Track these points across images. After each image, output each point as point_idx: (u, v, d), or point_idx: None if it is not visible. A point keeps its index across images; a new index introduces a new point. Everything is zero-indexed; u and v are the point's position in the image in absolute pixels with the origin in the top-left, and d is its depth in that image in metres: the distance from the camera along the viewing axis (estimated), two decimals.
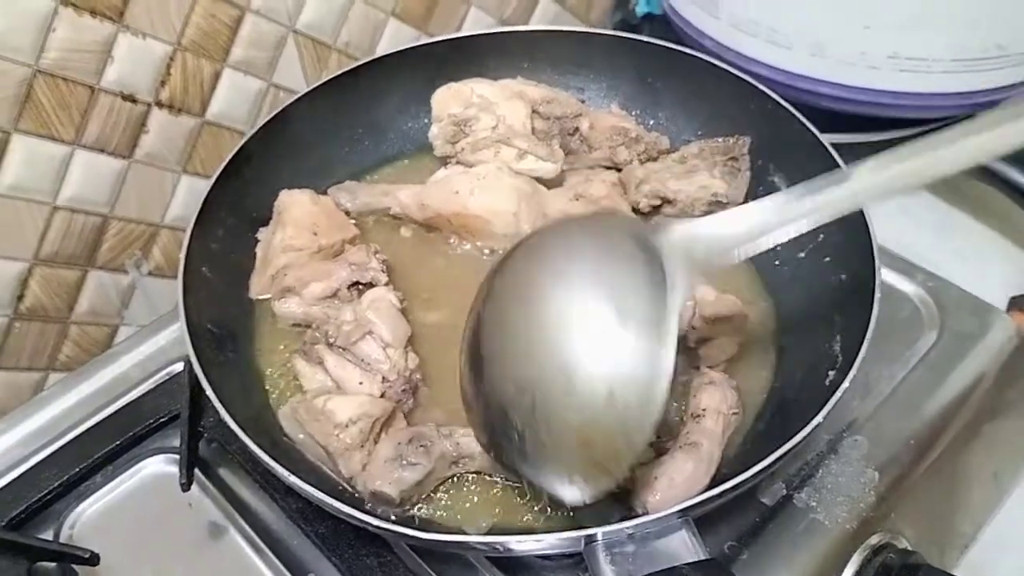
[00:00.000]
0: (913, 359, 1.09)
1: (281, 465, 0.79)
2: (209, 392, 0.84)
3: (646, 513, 0.80)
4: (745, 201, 1.11)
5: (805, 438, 0.78)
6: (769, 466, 0.76)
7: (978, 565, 1.05)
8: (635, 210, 1.11)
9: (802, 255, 1.05)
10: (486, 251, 1.11)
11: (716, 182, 1.10)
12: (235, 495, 1.00)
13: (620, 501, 0.84)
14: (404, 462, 0.85)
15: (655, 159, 1.16)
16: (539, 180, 1.13)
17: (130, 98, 1.13)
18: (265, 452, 0.80)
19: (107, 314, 1.26)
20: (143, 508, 0.99)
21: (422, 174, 1.15)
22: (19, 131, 1.04)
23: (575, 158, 1.17)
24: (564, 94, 1.21)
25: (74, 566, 0.91)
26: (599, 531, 0.74)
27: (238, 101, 1.24)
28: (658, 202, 1.11)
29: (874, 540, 0.93)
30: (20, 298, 1.14)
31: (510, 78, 1.20)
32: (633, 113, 1.25)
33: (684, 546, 0.74)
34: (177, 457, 0.99)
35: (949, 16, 1.16)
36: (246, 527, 0.97)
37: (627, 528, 0.74)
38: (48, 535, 0.96)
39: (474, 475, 0.91)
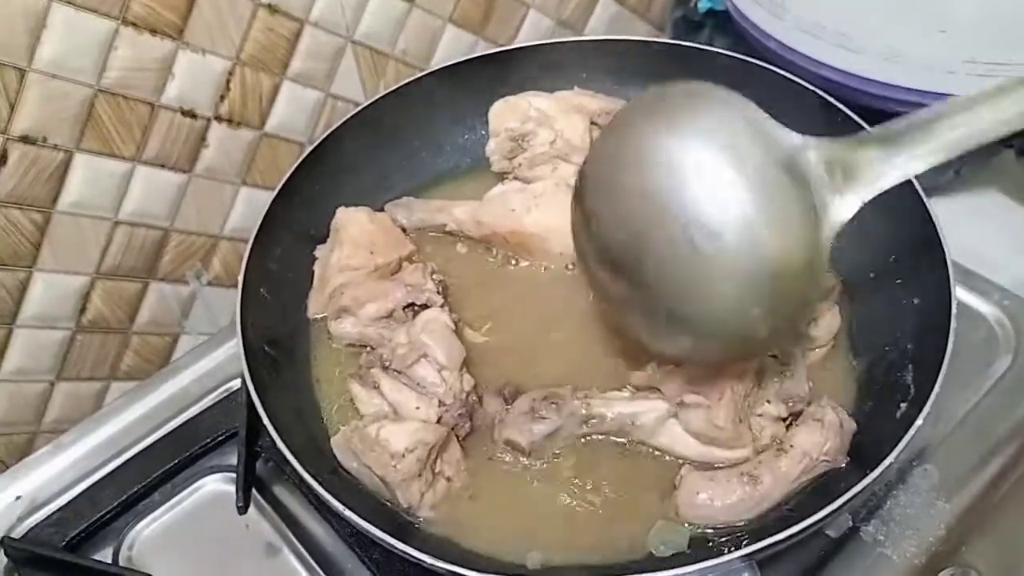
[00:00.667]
0: (987, 383, 1.04)
1: (336, 496, 0.79)
2: (265, 420, 0.84)
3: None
4: None
5: (878, 477, 0.75)
6: (840, 507, 0.74)
7: None
8: None
9: (873, 276, 1.01)
10: (543, 268, 1.09)
11: None
12: (291, 516, 1.00)
13: None
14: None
15: None
16: None
17: (190, 113, 1.13)
18: (321, 481, 0.80)
19: (167, 324, 1.28)
20: (200, 527, 1.00)
21: (479, 189, 1.13)
22: (81, 150, 1.05)
23: None
24: (622, 103, 1.18)
25: None
26: None
27: (296, 113, 1.24)
28: None
29: (945, 575, 0.90)
30: (82, 311, 1.16)
31: (567, 89, 1.18)
32: None
33: None
34: (234, 475, 0.99)
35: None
36: (301, 549, 0.97)
37: (689, 572, 0.72)
38: (107, 554, 0.97)
39: (540, 483, 0.90)
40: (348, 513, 0.78)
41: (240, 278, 0.96)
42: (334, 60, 1.24)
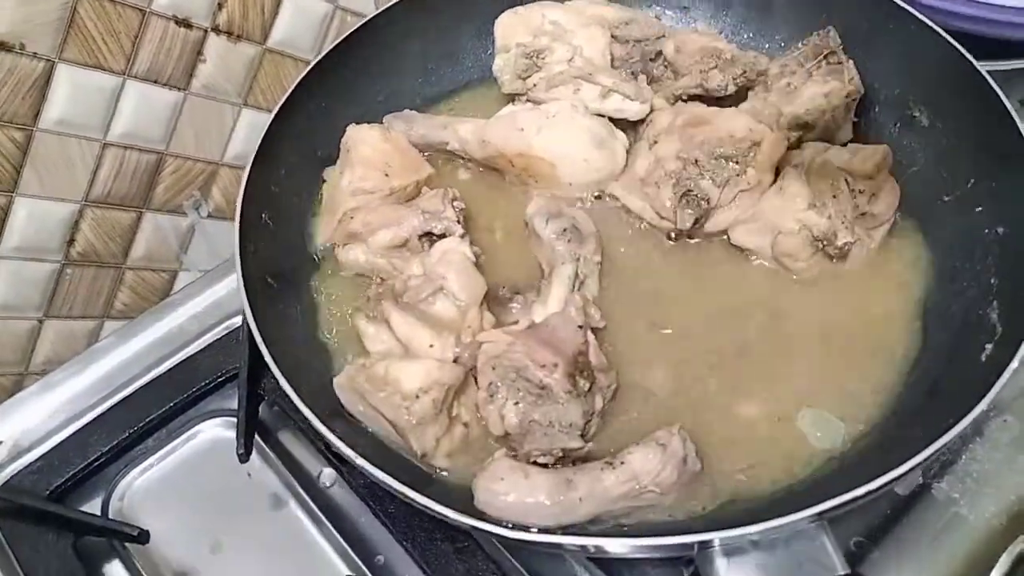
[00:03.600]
0: None
1: (346, 442, 0.71)
2: (268, 358, 0.76)
3: None
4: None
5: (964, 430, 0.66)
6: (918, 464, 0.65)
7: None
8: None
9: (947, 198, 0.91)
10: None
11: (832, 83, 0.96)
12: (297, 464, 0.93)
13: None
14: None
15: (754, 84, 1.02)
16: (620, 122, 1.00)
17: (184, 23, 1.04)
18: (331, 427, 0.72)
19: (165, 259, 1.20)
20: (198, 477, 0.93)
21: (493, 111, 1.02)
22: (64, 60, 0.96)
23: (658, 86, 1.04)
24: (642, 14, 1.08)
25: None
26: (716, 536, 0.64)
27: (302, 26, 1.15)
28: (795, 136, 0.97)
29: None
30: (71, 243, 1.08)
31: None
32: (745, 35, 1.11)
33: (819, 556, 0.65)
34: (235, 420, 0.91)
35: None
36: (309, 501, 0.89)
37: (751, 534, 0.63)
38: (96, 505, 0.90)
39: None
40: (363, 463, 0.69)
41: (238, 201, 0.87)
42: None
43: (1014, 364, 0.70)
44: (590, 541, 0.70)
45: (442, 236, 0.90)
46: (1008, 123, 0.85)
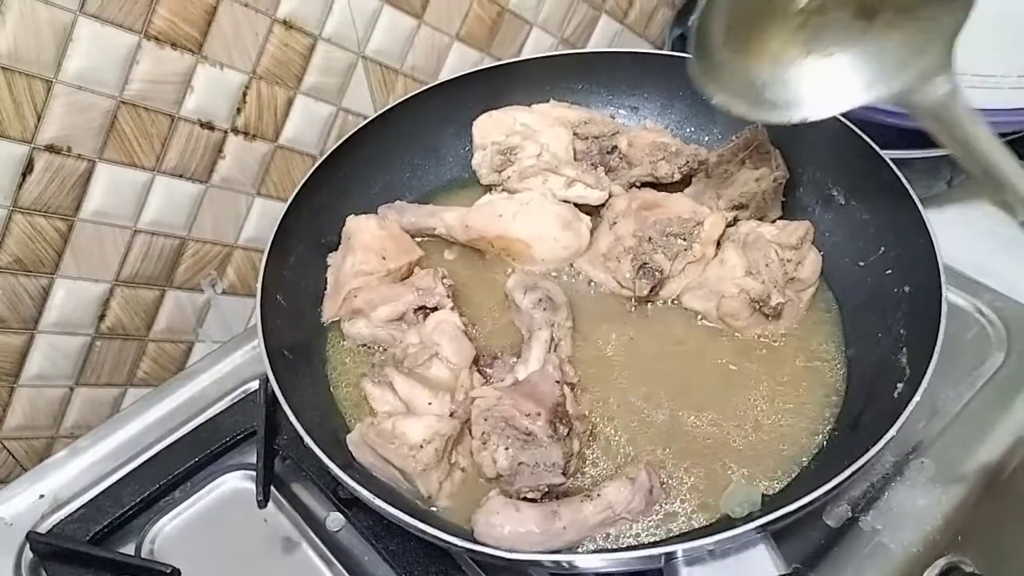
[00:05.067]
0: (980, 380, 1.08)
1: (363, 486, 0.82)
2: (292, 419, 0.87)
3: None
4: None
5: (879, 452, 0.79)
6: (844, 481, 0.78)
7: None
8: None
9: (862, 264, 1.06)
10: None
11: (762, 169, 1.11)
12: (308, 510, 1.03)
13: None
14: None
15: (696, 172, 1.18)
16: (584, 207, 1.15)
17: (208, 126, 1.17)
18: (350, 473, 0.84)
19: (183, 332, 1.31)
20: (220, 523, 1.03)
21: (472, 200, 1.18)
22: (104, 160, 1.09)
23: (614, 175, 1.19)
24: (599, 114, 1.24)
25: None
26: (679, 548, 0.76)
27: (309, 126, 1.28)
28: (732, 215, 1.12)
29: (941, 563, 0.93)
30: (102, 318, 1.19)
31: (543, 101, 1.23)
32: (688, 130, 1.27)
33: (764, 560, 0.77)
34: (253, 473, 1.03)
35: (1016, 33, 1.15)
36: (319, 542, 1.00)
37: (708, 544, 0.76)
38: (130, 549, 1.00)
39: None
40: (378, 501, 0.81)
41: (258, 286, 0.99)
42: (346, 75, 1.28)
43: (917, 398, 0.83)
44: (571, 558, 0.83)
45: (434, 309, 1.03)
46: (906, 197, 1.01)
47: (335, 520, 1.02)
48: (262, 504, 0.99)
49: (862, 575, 0.92)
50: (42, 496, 1.05)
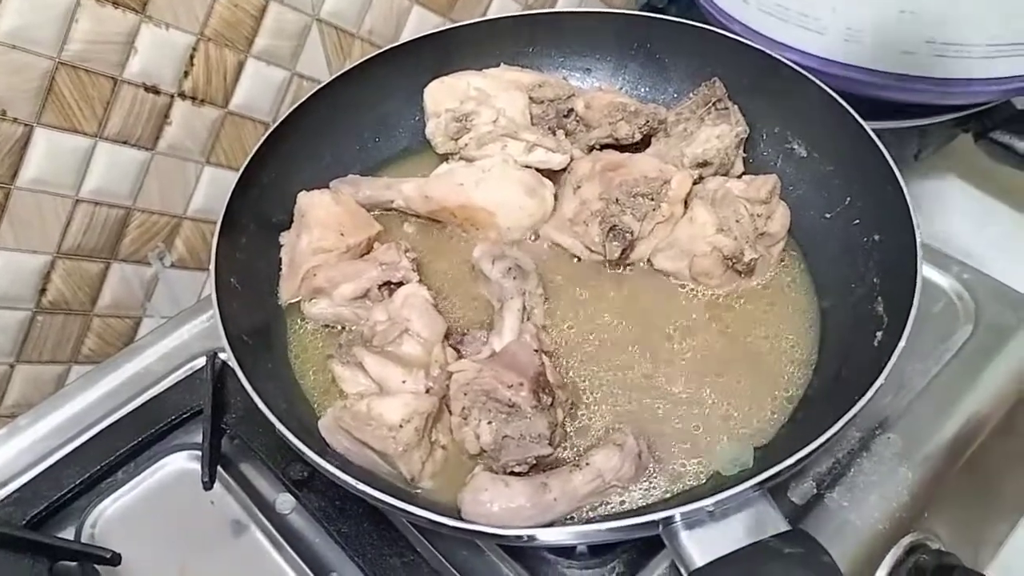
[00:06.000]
0: (947, 354, 1.06)
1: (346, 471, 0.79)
2: (265, 410, 0.81)
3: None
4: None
5: (871, 400, 0.77)
6: (839, 430, 0.76)
7: (1010, 565, 1.03)
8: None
9: (829, 216, 1.05)
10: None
11: (721, 126, 1.09)
12: (257, 492, 0.99)
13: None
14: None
15: (656, 131, 1.15)
16: (546, 172, 1.12)
17: (153, 89, 1.12)
18: (334, 465, 0.79)
19: (130, 306, 1.26)
20: (165, 505, 0.99)
21: (428, 170, 1.14)
22: (42, 124, 1.04)
23: (573, 139, 1.16)
24: (552, 77, 1.20)
25: (96, 566, 0.91)
26: (677, 511, 0.73)
27: (261, 92, 1.23)
28: (697, 173, 1.09)
29: (907, 540, 0.92)
30: (42, 292, 1.14)
31: (494, 66, 1.19)
32: (642, 90, 1.24)
33: (765, 518, 0.75)
34: (199, 454, 0.98)
35: (987, 2, 1.13)
36: (268, 525, 0.96)
37: (707, 505, 0.73)
38: (69, 533, 0.96)
39: None
40: (362, 486, 0.77)
41: (212, 269, 0.94)
42: (300, 38, 1.23)
43: (902, 343, 0.82)
44: (566, 530, 0.80)
45: (399, 284, 0.99)
46: (871, 146, 0.99)
47: (285, 502, 0.98)
48: (207, 486, 0.95)
49: (830, 552, 0.89)
50: None
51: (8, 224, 1.07)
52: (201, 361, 1.08)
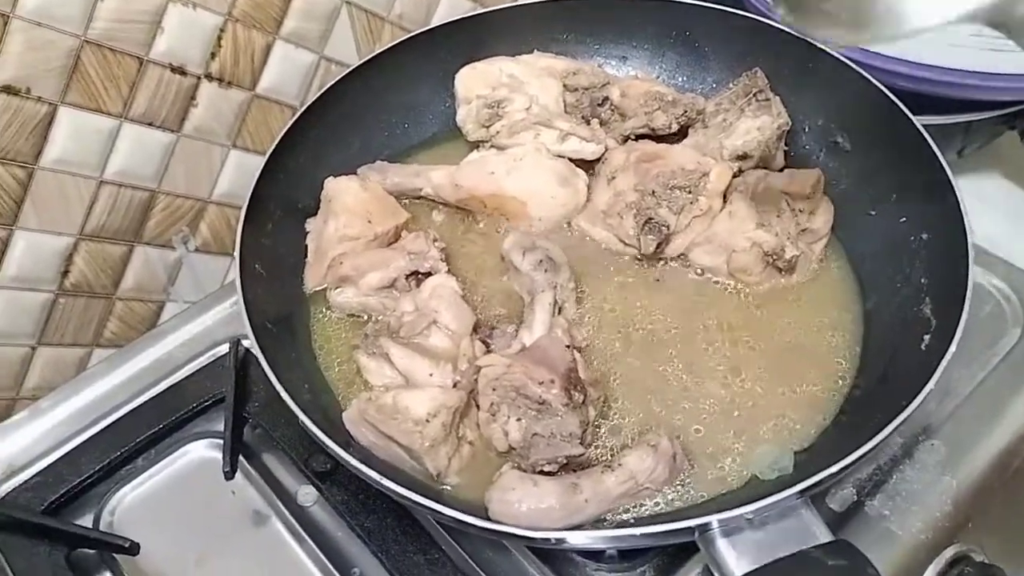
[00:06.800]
0: (995, 359, 1.02)
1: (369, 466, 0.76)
2: (289, 401, 0.79)
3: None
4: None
5: (919, 406, 0.74)
6: (887, 437, 0.73)
7: None
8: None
9: (873, 212, 1.01)
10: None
11: (762, 118, 1.05)
12: (279, 483, 0.97)
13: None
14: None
15: (694, 122, 1.11)
16: (579, 162, 1.08)
17: (179, 70, 1.10)
18: (357, 459, 0.77)
19: (153, 290, 1.24)
20: (185, 494, 0.97)
21: (457, 158, 1.10)
22: (66, 104, 1.02)
23: (607, 128, 1.12)
24: (587, 64, 1.17)
25: (114, 555, 0.89)
26: (714, 518, 0.71)
27: (289, 74, 1.21)
28: (736, 166, 1.06)
29: (950, 552, 0.88)
30: (65, 273, 1.13)
31: (527, 52, 1.15)
32: (679, 79, 1.21)
33: (806, 527, 0.72)
34: (221, 442, 0.96)
35: None
36: (289, 517, 0.94)
37: (746, 513, 0.70)
38: (88, 520, 0.94)
39: None
40: (386, 482, 0.74)
41: (236, 256, 0.92)
42: (329, 21, 1.21)
43: (952, 348, 0.78)
44: (598, 534, 0.77)
45: (428, 274, 0.96)
46: (919, 141, 0.96)
47: (307, 494, 0.96)
48: (229, 475, 0.92)
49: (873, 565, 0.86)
50: None
51: (31, 204, 1.05)
52: (224, 348, 1.06)
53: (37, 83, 0.98)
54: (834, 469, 0.71)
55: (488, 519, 0.76)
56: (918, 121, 1.00)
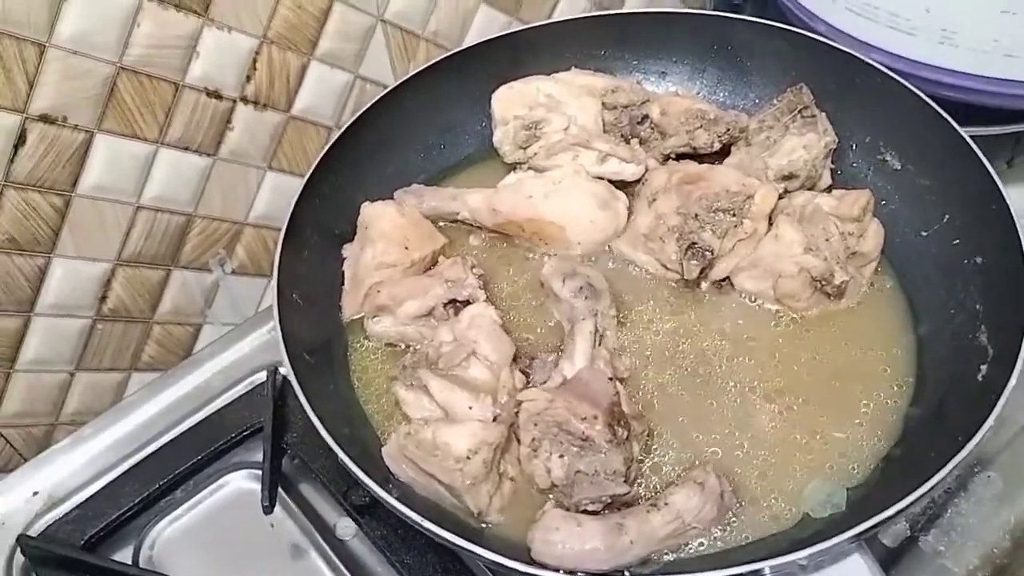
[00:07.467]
0: None
1: (408, 505, 0.75)
2: (327, 437, 0.78)
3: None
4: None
5: (980, 441, 0.72)
6: (946, 476, 0.71)
7: None
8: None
9: (925, 234, 0.99)
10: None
11: (808, 135, 1.03)
12: (317, 516, 0.96)
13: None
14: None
15: (736, 140, 1.08)
16: (619, 183, 1.06)
17: (215, 94, 1.09)
18: (389, 491, 0.76)
19: (190, 313, 1.24)
20: (224, 526, 0.96)
21: (493, 180, 1.08)
22: (103, 131, 1.01)
23: (648, 147, 1.10)
24: (626, 81, 1.14)
25: None
26: (766, 565, 0.69)
27: (324, 95, 1.20)
28: (782, 187, 1.03)
29: None
30: (103, 299, 1.13)
31: (564, 70, 1.13)
32: (721, 95, 1.18)
33: (860, 572, 0.71)
34: (259, 472, 0.96)
35: None
36: (328, 551, 0.93)
37: (800, 559, 0.68)
38: (127, 553, 0.94)
39: None
40: (426, 523, 0.73)
41: (274, 284, 0.91)
42: (364, 40, 1.19)
43: (1013, 381, 0.75)
44: None
45: (466, 302, 0.94)
46: (972, 159, 0.93)
47: (346, 527, 0.95)
48: (268, 509, 0.91)
49: None
50: (36, 493, 0.99)
51: (68, 232, 1.05)
52: (262, 376, 1.06)
53: (73, 111, 0.98)
54: (890, 512, 0.69)
55: (531, 562, 0.74)
56: (966, 131, 0.97)
